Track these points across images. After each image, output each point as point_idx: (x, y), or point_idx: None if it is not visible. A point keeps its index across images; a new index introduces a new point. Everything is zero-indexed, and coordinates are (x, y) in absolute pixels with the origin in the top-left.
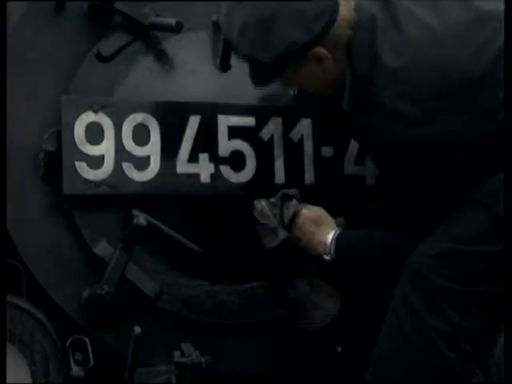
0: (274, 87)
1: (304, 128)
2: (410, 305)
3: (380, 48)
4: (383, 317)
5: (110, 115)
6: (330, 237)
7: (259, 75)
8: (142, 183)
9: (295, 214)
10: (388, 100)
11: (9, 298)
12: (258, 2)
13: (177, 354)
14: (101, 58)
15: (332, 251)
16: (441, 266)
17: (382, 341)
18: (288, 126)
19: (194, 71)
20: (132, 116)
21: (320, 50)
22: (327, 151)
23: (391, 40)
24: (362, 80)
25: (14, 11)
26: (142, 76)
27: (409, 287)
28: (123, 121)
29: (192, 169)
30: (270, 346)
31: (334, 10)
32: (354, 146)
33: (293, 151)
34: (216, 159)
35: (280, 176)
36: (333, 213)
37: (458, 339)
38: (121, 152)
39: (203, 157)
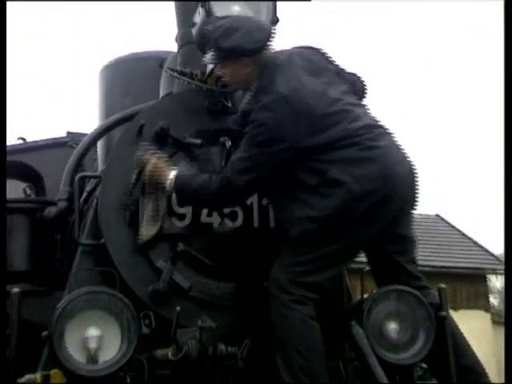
0: None
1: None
2: (271, 295)
3: (278, 77)
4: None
5: None
6: (174, 173)
7: (214, 56)
8: (181, 227)
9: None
10: (270, 100)
11: (108, 290)
12: (237, 17)
13: (199, 321)
14: None
15: (173, 182)
16: (284, 272)
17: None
18: (261, 198)
19: (213, 168)
20: None
21: (251, 60)
22: None
23: (285, 75)
24: (262, 87)
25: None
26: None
27: (271, 287)
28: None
29: (208, 220)
30: (249, 317)
31: (270, 41)
32: None
33: (263, 210)
34: (222, 215)
35: (256, 223)
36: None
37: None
38: (169, 211)
39: (215, 214)
